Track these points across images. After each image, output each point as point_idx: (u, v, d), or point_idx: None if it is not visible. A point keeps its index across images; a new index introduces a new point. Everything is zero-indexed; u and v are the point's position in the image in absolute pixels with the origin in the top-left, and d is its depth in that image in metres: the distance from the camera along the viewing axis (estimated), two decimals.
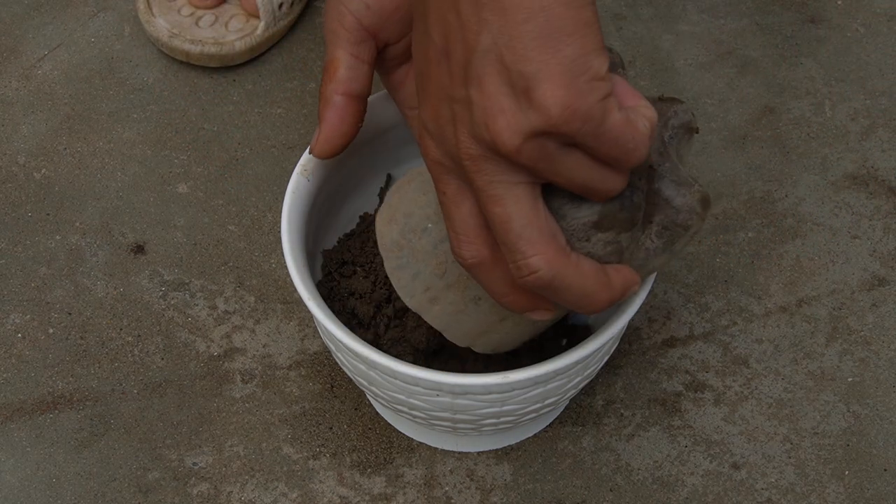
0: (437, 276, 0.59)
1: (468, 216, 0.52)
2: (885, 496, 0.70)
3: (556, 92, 0.46)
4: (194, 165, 0.83)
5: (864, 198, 0.81)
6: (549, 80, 0.46)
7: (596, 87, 0.47)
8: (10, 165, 0.83)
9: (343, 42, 0.62)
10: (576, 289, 0.51)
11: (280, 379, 0.74)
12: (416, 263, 0.59)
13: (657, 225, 0.54)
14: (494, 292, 0.54)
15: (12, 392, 0.74)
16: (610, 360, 0.74)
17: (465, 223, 0.52)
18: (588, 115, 0.47)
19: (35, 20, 0.90)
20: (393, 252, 0.60)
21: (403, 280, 0.60)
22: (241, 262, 0.79)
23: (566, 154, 0.48)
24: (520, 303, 0.54)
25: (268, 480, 0.71)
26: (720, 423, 0.72)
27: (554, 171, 0.49)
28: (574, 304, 0.52)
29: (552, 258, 0.50)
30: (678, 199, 0.54)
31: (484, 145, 0.48)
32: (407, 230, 0.60)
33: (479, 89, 0.48)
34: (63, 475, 0.71)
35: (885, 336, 0.76)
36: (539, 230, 0.50)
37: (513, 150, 0.48)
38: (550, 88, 0.46)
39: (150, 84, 0.87)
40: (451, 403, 0.62)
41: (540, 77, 0.46)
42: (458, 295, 0.59)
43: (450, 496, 0.70)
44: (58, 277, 0.78)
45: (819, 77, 0.87)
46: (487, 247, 0.52)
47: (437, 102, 0.50)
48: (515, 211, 0.50)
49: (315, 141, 0.63)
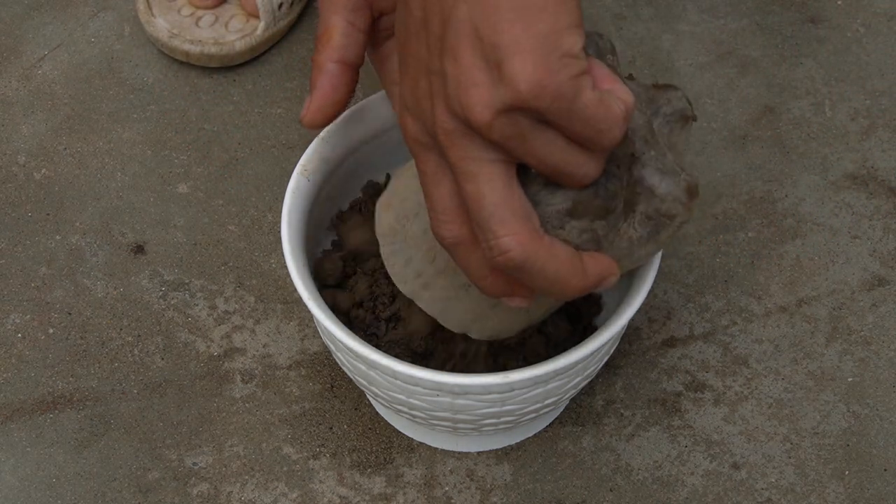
0: (427, 261, 0.59)
1: (447, 195, 0.51)
2: (885, 496, 0.70)
3: (526, 67, 0.46)
4: (194, 165, 0.83)
5: (864, 198, 0.81)
6: (520, 55, 0.46)
7: (568, 64, 0.46)
8: (10, 165, 0.83)
9: (339, 8, 0.61)
10: (549, 272, 0.51)
11: (280, 379, 0.74)
12: (409, 249, 0.59)
13: (640, 214, 0.54)
14: (473, 275, 0.53)
15: (12, 392, 0.74)
16: (610, 360, 0.74)
17: (444, 202, 0.51)
18: (558, 91, 0.46)
19: (35, 20, 0.90)
20: (388, 237, 0.60)
21: (397, 266, 0.60)
22: (241, 262, 0.79)
23: (539, 132, 0.48)
24: (497, 286, 0.53)
25: (268, 480, 0.71)
26: (720, 423, 0.72)
27: (526, 149, 0.48)
28: (546, 289, 0.51)
29: (524, 239, 0.50)
30: (662, 187, 0.53)
31: (458, 120, 0.48)
32: (401, 215, 0.59)
33: (453, 61, 0.47)
34: (63, 475, 0.71)
35: (885, 336, 0.76)
36: (512, 210, 0.49)
37: (484, 124, 0.47)
38: (521, 63, 0.46)
39: (150, 84, 0.87)
40: (451, 403, 0.62)
41: (512, 50, 0.46)
42: (447, 281, 0.59)
43: (450, 496, 0.70)
44: (58, 277, 0.78)
45: (819, 77, 0.87)
46: (467, 226, 0.51)
47: (415, 76, 0.50)
48: (488, 189, 0.49)
49: (306, 109, 0.62)
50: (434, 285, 0.59)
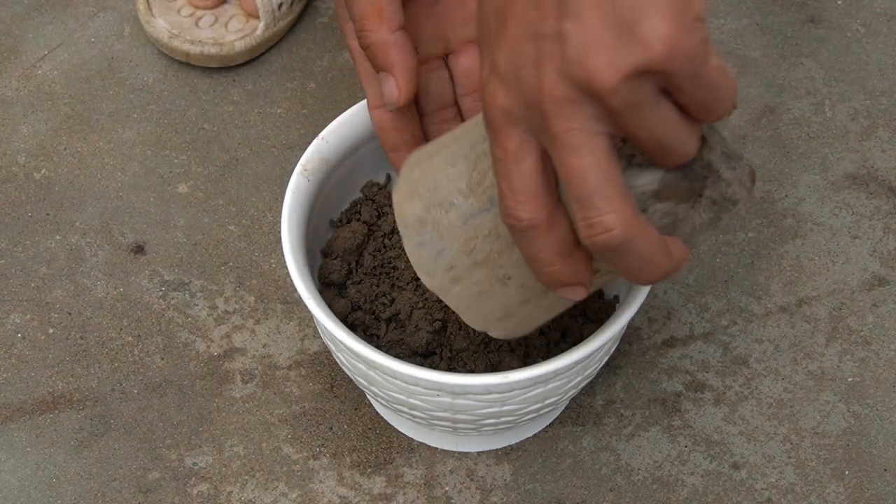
0: (464, 253, 0.56)
1: (529, 174, 0.49)
2: (885, 496, 0.70)
3: (663, 26, 0.44)
4: (194, 165, 0.83)
5: (864, 198, 0.81)
6: (657, 15, 0.44)
7: (698, 28, 0.45)
8: (10, 165, 0.83)
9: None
10: (643, 254, 0.49)
11: (280, 379, 0.74)
12: (441, 240, 0.56)
13: (707, 199, 0.52)
14: (540, 261, 0.51)
15: (12, 392, 0.74)
16: (610, 360, 0.74)
17: (525, 182, 0.49)
18: (692, 53, 0.45)
19: (35, 20, 0.90)
20: (415, 229, 0.57)
21: (425, 258, 0.57)
22: (241, 262, 0.79)
23: (657, 103, 0.46)
24: (564, 275, 0.51)
25: (268, 480, 0.71)
26: (720, 423, 0.72)
27: (641, 120, 0.46)
28: (634, 271, 0.49)
29: (627, 217, 0.47)
30: (728, 171, 0.52)
31: (574, 85, 0.46)
32: (433, 205, 0.56)
33: (576, 22, 0.45)
34: (63, 475, 0.71)
35: (885, 336, 0.76)
36: (616, 187, 0.47)
37: (609, 89, 0.45)
38: (658, 22, 0.44)
39: (150, 84, 0.87)
40: (451, 403, 0.62)
41: (647, 11, 0.44)
42: (485, 274, 0.56)
43: (450, 496, 0.70)
44: (58, 277, 0.78)
45: (819, 77, 0.87)
46: (546, 209, 0.49)
47: (517, 42, 0.47)
48: (593, 163, 0.47)
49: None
50: (467, 279, 0.57)
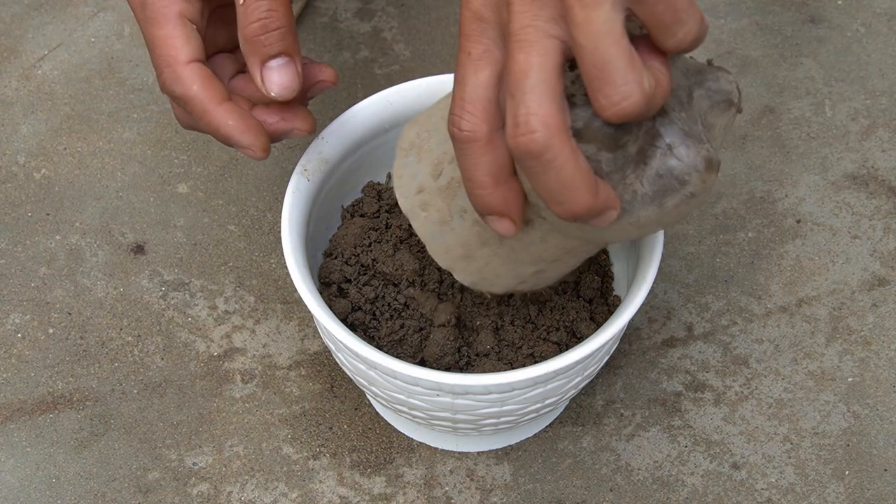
0: (432, 176, 0.57)
1: (482, 86, 0.49)
2: (885, 496, 0.70)
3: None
4: (194, 165, 0.83)
5: (864, 198, 0.81)
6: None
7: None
8: (10, 165, 0.83)
9: (172, 15, 0.59)
10: (563, 172, 0.48)
11: (280, 379, 0.74)
12: (419, 164, 0.58)
13: (652, 169, 0.52)
14: (473, 180, 0.51)
15: (12, 392, 0.74)
16: (610, 360, 0.74)
17: (476, 91, 0.49)
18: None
19: (35, 20, 0.90)
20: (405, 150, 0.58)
21: (403, 179, 0.58)
22: (241, 262, 0.79)
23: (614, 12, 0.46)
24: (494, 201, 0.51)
25: (268, 480, 0.71)
26: (720, 423, 0.72)
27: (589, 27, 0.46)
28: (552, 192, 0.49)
29: (554, 126, 0.47)
30: (681, 148, 0.52)
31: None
32: (422, 130, 0.58)
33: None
34: (63, 475, 0.71)
35: (885, 336, 0.76)
36: (553, 93, 0.47)
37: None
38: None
39: (150, 84, 0.87)
40: (451, 403, 0.62)
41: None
42: (445, 202, 0.57)
43: (450, 496, 0.70)
44: (58, 277, 0.78)
45: (819, 77, 0.87)
46: (488, 124, 0.50)
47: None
48: (538, 63, 0.47)
49: (251, 152, 0.60)
50: (432, 205, 0.57)
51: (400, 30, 0.89)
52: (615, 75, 0.47)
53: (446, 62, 0.88)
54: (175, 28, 0.59)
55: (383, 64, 0.88)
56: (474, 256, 0.59)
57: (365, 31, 0.89)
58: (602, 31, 0.46)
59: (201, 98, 0.59)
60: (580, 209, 0.49)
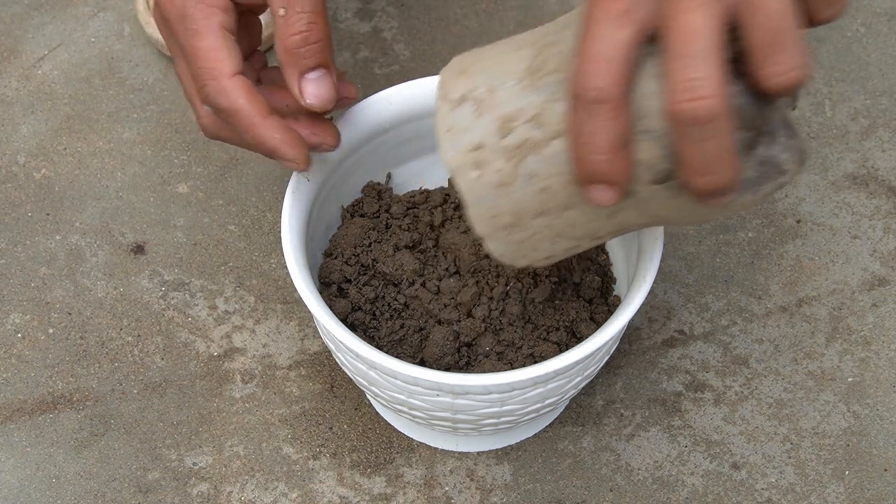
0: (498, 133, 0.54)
1: (620, 46, 0.47)
2: (885, 496, 0.70)
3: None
4: (194, 165, 0.83)
5: (864, 198, 0.81)
6: None
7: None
8: (10, 165, 0.83)
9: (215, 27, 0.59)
10: (723, 142, 0.46)
11: (280, 379, 0.74)
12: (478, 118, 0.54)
13: (757, 156, 0.51)
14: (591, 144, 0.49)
15: (12, 392, 0.74)
16: (610, 360, 0.74)
17: (615, 50, 0.47)
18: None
19: (35, 20, 0.90)
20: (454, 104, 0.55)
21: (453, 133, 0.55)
22: (241, 262, 0.79)
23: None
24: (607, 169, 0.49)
25: (268, 480, 0.71)
26: (720, 423, 0.72)
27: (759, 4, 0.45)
28: (706, 161, 0.47)
29: (723, 94, 0.46)
30: (784, 138, 0.51)
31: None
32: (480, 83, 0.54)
33: None
34: (63, 475, 0.71)
35: (885, 336, 0.76)
36: (720, 59, 0.46)
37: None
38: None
39: (150, 84, 0.87)
40: (451, 403, 0.62)
41: None
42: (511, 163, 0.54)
43: (450, 496, 0.70)
44: (58, 277, 0.78)
45: (819, 77, 0.87)
46: (621, 87, 0.47)
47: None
48: (707, 25, 0.45)
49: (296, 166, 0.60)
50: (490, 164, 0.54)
51: (400, 30, 0.89)
52: (789, 44, 0.46)
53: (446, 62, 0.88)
54: (217, 40, 0.58)
55: (383, 64, 0.88)
56: (523, 226, 0.56)
57: (365, 31, 0.89)
58: None
59: (248, 111, 0.58)
60: (724, 182, 0.48)
